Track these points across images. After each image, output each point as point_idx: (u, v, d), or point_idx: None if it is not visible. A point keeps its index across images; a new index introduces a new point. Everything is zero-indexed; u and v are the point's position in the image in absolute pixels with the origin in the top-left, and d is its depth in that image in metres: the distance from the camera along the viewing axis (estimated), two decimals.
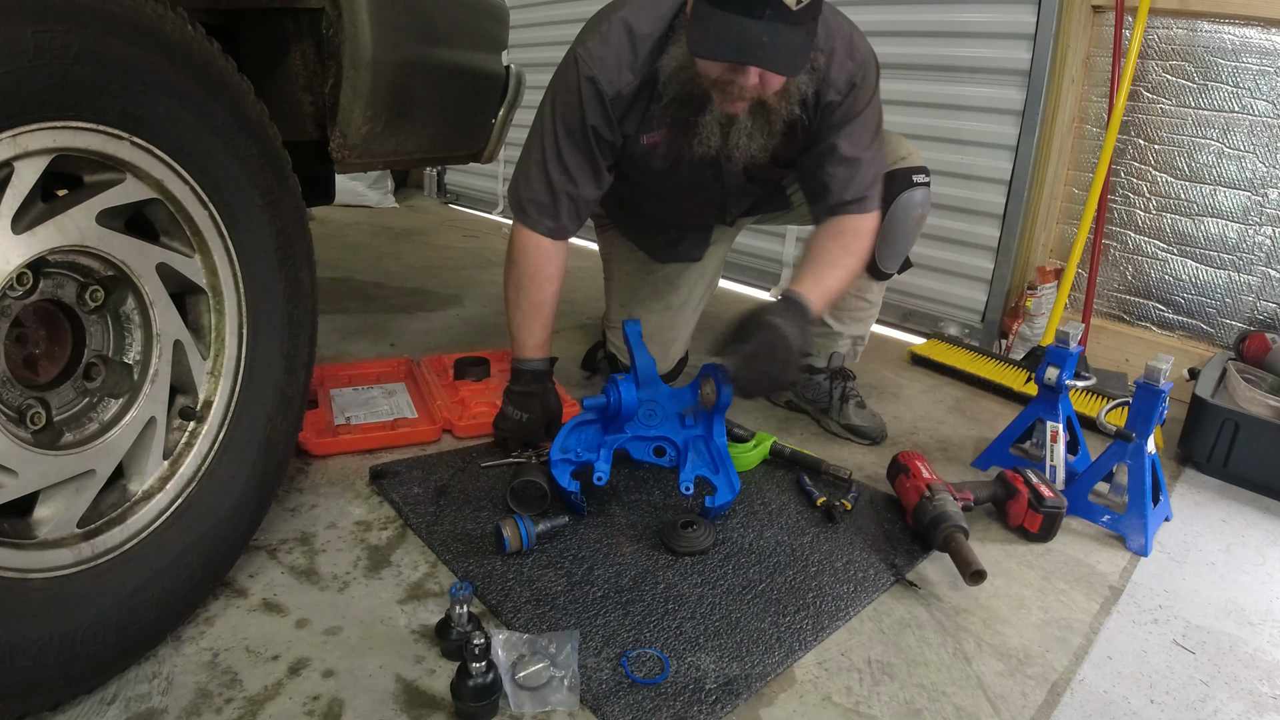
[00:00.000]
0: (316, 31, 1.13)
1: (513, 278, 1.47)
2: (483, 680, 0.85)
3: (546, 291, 1.46)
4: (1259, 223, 2.01)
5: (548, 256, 1.45)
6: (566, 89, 1.36)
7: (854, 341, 1.81)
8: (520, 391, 1.46)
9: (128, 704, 0.84)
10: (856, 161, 1.44)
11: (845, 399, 1.73)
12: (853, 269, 1.47)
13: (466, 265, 3.10)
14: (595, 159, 1.41)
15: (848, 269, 1.46)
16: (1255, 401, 1.67)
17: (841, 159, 1.43)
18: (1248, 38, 1.96)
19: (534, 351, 1.47)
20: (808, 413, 1.81)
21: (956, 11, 2.32)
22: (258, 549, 1.13)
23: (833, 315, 1.75)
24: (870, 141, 1.46)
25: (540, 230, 1.43)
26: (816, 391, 1.77)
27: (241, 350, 0.97)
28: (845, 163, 1.44)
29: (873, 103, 1.45)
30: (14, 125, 0.68)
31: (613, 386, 1.29)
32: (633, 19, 1.33)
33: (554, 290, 1.48)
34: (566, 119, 1.37)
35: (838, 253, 1.45)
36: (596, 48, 1.33)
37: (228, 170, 0.91)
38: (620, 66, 1.33)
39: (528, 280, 1.45)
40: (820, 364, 1.77)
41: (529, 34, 3.67)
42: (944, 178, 2.44)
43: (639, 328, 1.45)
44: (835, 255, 1.45)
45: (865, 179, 1.46)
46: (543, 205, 1.42)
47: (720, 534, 1.25)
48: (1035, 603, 1.16)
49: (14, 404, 0.77)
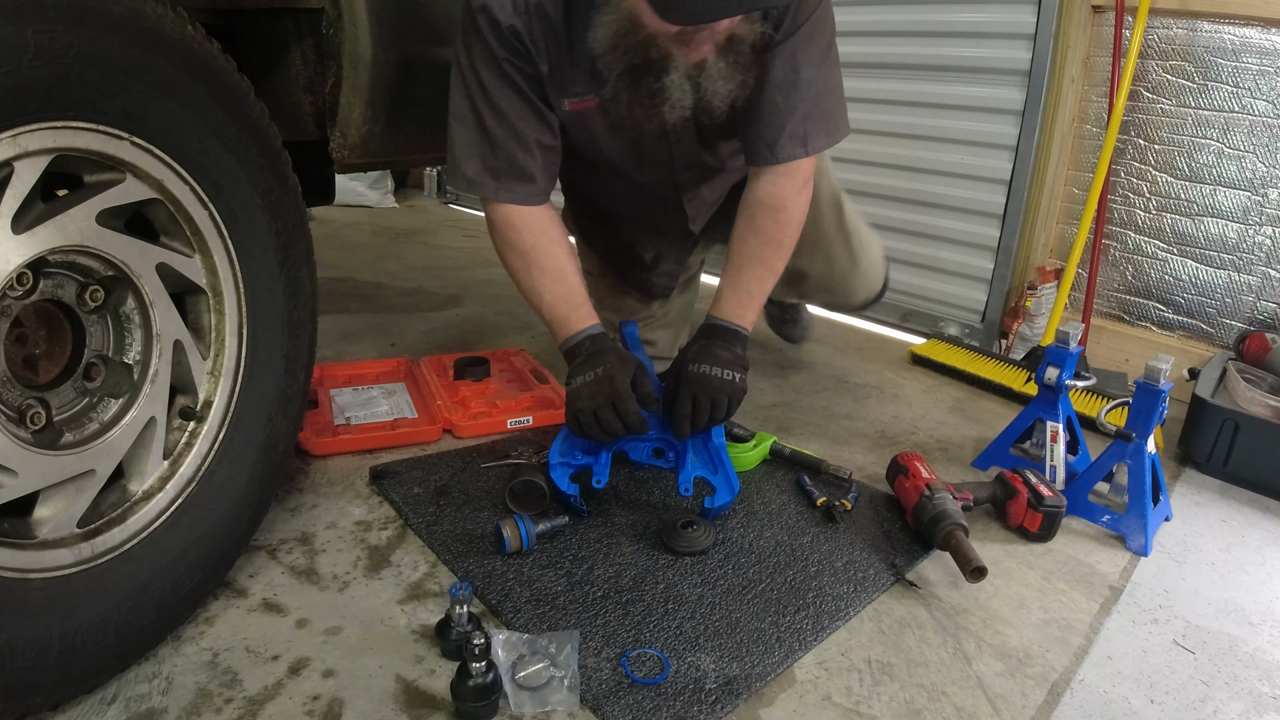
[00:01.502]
0: (316, 31, 1.14)
1: (514, 263, 1.31)
2: (483, 680, 0.85)
3: (559, 256, 1.30)
4: (1259, 223, 2.01)
5: (539, 223, 1.29)
6: (466, 31, 1.22)
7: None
8: (584, 359, 1.26)
9: (128, 704, 0.84)
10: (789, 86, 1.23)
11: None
12: (771, 260, 1.32)
13: (466, 265, 3.09)
14: (526, 94, 1.23)
15: (766, 263, 1.32)
16: (1255, 401, 1.67)
17: (773, 84, 1.23)
18: (1248, 38, 1.96)
19: (580, 323, 1.30)
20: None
21: (956, 11, 2.32)
22: (258, 549, 1.13)
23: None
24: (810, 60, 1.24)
25: (508, 199, 1.27)
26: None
27: (241, 350, 0.97)
28: (776, 88, 1.23)
29: (820, 12, 1.24)
30: (14, 125, 0.68)
31: None
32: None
33: (566, 252, 1.31)
34: (477, 56, 1.21)
35: (752, 242, 1.32)
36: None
37: (228, 170, 0.91)
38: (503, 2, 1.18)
39: (531, 252, 1.29)
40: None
41: None
42: (944, 178, 2.45)
43: (635, 330, 1.44)
44: (750, 247, 1.32)
45: (797, 112, 1.25)
46: (493, 168, 1.25)
47: (720, 534, 1.24)
48: (1035, 603, 1.16)
49: (14, 404, 0.77)
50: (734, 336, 1.31)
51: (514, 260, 1.32)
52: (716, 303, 1.35)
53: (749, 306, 1.34)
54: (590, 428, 1.22)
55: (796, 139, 1.28)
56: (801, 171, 1.32)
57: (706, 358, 1.27)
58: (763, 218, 1.32)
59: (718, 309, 1.34)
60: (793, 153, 1.29)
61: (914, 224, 2.54)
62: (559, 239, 1.31)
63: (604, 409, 1.20)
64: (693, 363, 1.27)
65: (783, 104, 1.25)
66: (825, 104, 1.29)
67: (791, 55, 1.23)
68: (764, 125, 1.27)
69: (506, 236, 1.31)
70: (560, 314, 1.30)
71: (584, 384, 1.24)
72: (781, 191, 1.31)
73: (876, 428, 1.77)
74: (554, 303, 1.30)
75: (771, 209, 1.32)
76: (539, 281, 1.31)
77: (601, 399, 1.21)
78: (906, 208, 2.54)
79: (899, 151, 2.52)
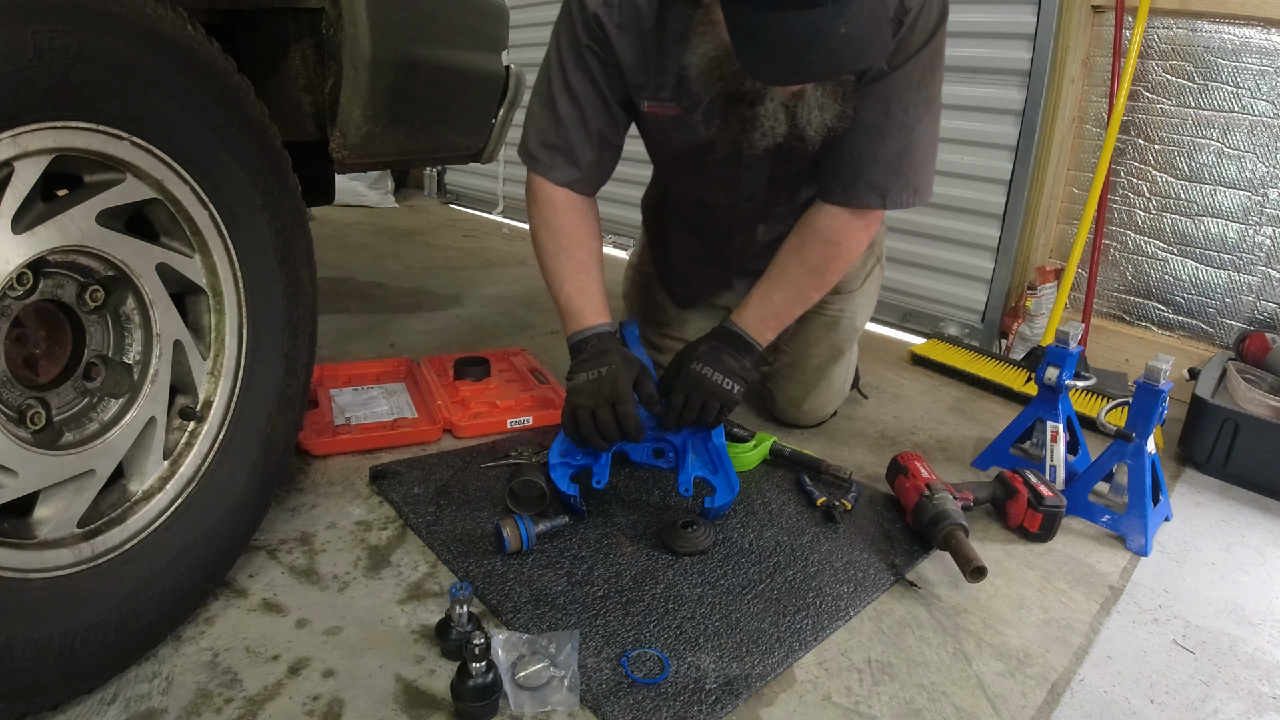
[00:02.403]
0: (316, 31, 1.13)
1: (546, 243, 1.30)
2: (483, 680, 0.85)
3: (590, 249, 1.30)
4: (1259, 223, 2.01)
5: (579, 211, 1.30)
6: (561, 15, 1.27)
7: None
8: (588, 357, 1.25)
9: (128, 704, 0.84)
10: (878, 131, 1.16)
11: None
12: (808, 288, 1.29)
13: (466, 265, 3.10)
14: (600, 86, 1.25)
15: (801, 290, 1.29)
16: (1255, 401, 1.67)
17: (861, 125, 1.16)
18: (1248, 38, 1.96)
19: (593, 318, 1.29)
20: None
21: (956, 11, 2.28)
22: (258, 549, 1.13)
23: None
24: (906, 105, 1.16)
25: (557, 179, 1.29)
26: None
27: (241, 350, 0.97)
28: (864, 130, 1.16)
29: (927, 52, 1.15)
30: (14, 125, 0.68)
31: None
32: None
33: (596, 249, 1.31)
34: (566, 42, 1.26)
35: (795, 267, 1.29)
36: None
37: (228, 170, 0.91)
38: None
39: (565, 238, 1.29)
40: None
41: (529, 34, 3.67)
42: (944, 178, 2.43)
43: (636, 330, 1.44)
44: (792, 270, 1.29)
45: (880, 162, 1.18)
46: (551, 144, 1.28)
47: (720, 534, 1.24)
48: (1035, 603, 1.16)
49: (14, 404, 0.77)
50: (746, 347, 1.31)
51: (547, 241, 1.32)
52: (741, 310, 1.33)
53: (771, 325, 1.32)
54: (585, 425, 1.20)
55: (875, 189, 1.22)
56: (872, 217, 1.28)
57: (712, 360, 1.26)
58: (814, 246, 1.29)
59: (740, 317, 1.32)
60: (868, 201, 1.24)
61: (914, 224, 2.54)
62: (593, 233, 1.32)
63: (603, 409, 1.20)
64: (697, 361, 1.27)
65: (866, 147, 1.19)
66: (915, 159, 1.22)
67: (884, 97, 1.16)
68: (843, 165, 1.23)
69: (546, 215, 1.31)
70: (576, 306, 1.30)
71: (585, 381, 1.23)
72: (843, 228, 1.27)
73: (876, 428, 1.77)
74: (573, 293, 1.30)
75: (826, 241, 1.28)
76: (565, 267, 1.30)
77: (601, 399, 1.20)
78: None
79: None
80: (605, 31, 1.21)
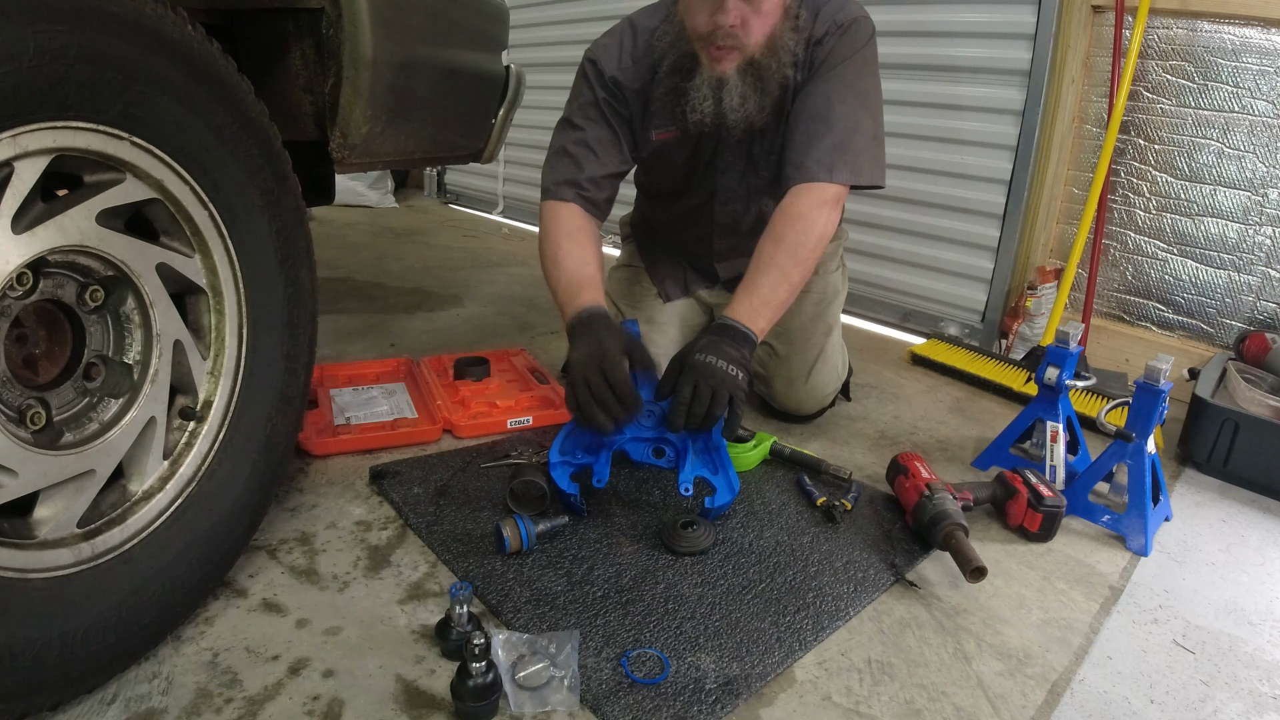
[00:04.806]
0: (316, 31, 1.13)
1: (548, 249, 1.43)
2: (483, 680, 0.85)
3: (590, 250, 1.42)
4: (1259, 223, 2.01)
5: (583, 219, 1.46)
6: (577, 79, 1.51)
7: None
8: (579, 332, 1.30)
9: (128, 704, 0.84)
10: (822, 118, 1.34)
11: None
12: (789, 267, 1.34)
13: (466, 265, 3.10)
14: (614, 130, 1.48)
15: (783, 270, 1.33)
16: (1255, 401, 1.67)
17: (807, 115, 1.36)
18: (1248, 38, 1.96)
19: (585, 301, 1.34)
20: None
21: (956, 11, 2.32)
22: (258, 549, 1.13)
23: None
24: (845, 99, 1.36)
25: (565, 197, 1.45)
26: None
27: (241, 350, 0.97)
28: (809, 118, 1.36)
29: (858, 59, 1.38)
30: (14, 125, 0.68)
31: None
32: (637, 16, 1.51)
33: (595, 254, 1.43)
34: (578, 99, 1.49)
35: (770, 248, 1.35)
36: (601, 39, 1.50)
37: (228, 170, 0.91)
38: (620, 52, 1.46)
39: (566, 240, 1.42)
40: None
41: (529, 34, 3.67)
42: (944, 178, 2.45)
43: (637, 327, 1.44)
44: (768, 251, 1.35)
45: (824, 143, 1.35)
46: (567, 181, 1.46)
47: (720, 534, 1.24)
48: (1035, 603, 1.16)
49: (14, 404, 0.77)
50: (743, 338, 1.31)
51: (548, 245, 1.44)
52: (731, 305, 1.35)
53: (761, 312, 1.33)
54: (582, 394, 1.21)
55: (822, 165, 1.37)
56: (825, 191, 1.37)
57: (714, 350, 1.27)
58: (782, 223, 1.36)
59: (731, 310, 1.34)
60: (817, 174, 1.36)
61: (914, 224, 2.54)
62: (593, 241, 1.46)
63: (594, 374, 1.21)
64: (699, 352, 1.27)
65: (813, 132, 1.37)
66: (856, 144, 1.38)
67: (825, 94, 1.37)
68: (794, 150, 1.39)
69: (549, 225, 1.46)
70: (571, 294, 1.37)
71: (578, 355, 1.27)
72: (803, 202, 1.36)
73: (876, 428, 1.77)
74: (568, 284, 1.38)
75: (791, 216, 1.36)
76: (564, 262, 1.41)
77: (592, 365, 1.22)
78: (906, 207, 2.54)
79: (899, 151, 2.51)
80: (621, 90, 1.47)
